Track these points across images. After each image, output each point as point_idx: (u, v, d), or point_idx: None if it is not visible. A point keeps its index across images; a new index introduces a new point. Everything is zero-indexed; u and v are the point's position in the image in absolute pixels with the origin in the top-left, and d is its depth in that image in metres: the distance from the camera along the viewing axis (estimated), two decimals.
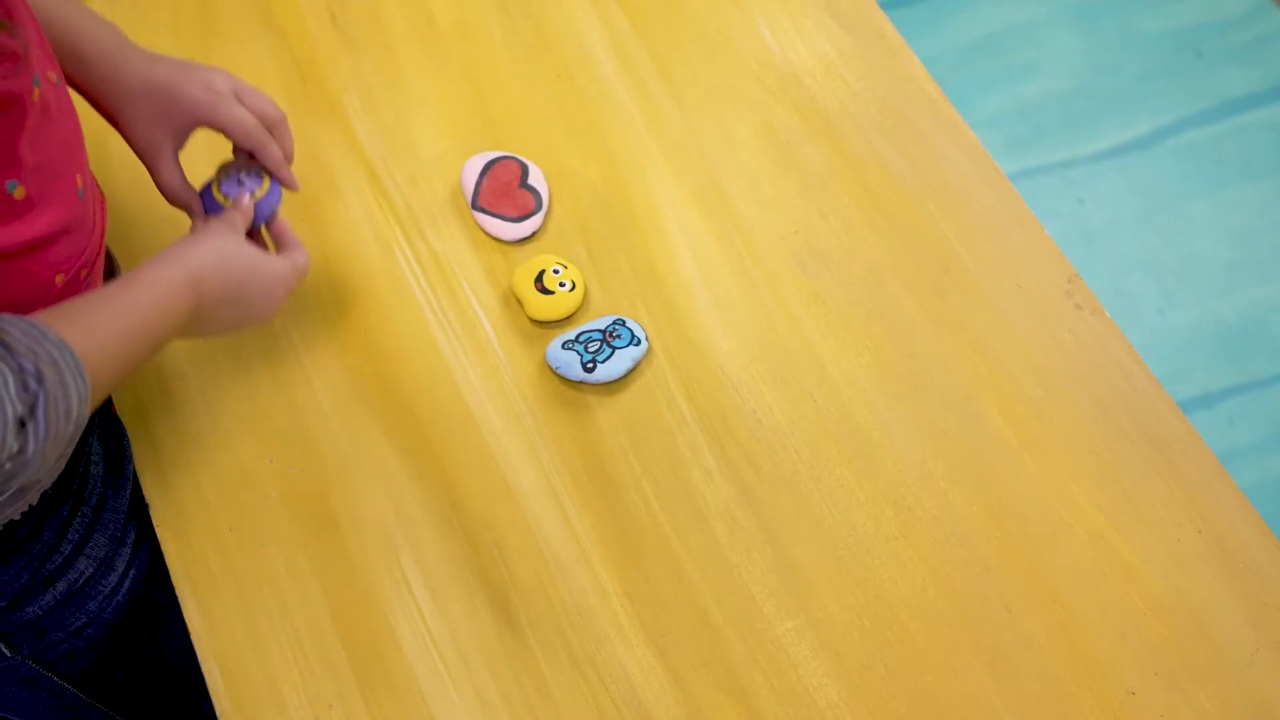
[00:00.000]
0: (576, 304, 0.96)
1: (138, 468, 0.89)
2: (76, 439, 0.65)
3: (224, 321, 0.79)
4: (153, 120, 0.82)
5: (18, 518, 0.78)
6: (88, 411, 0.64)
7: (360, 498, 0.89)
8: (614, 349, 0.92)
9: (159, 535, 0.87)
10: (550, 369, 0.94)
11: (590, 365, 0.91)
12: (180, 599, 0.85)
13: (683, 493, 0.89)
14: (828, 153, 1.06)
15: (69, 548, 0.83)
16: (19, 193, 0.66)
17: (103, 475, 0.86)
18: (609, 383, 0.93)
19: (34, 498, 0.79)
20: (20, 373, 0.59)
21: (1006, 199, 1.04)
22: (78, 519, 0.83)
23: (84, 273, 0.75)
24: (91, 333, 0.66)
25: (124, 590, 0.89)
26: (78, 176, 0.73)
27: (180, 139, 0.84)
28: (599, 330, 0.93)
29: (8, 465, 0.59)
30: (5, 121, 0.63)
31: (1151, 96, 2.16)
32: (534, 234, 1.00)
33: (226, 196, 0.85)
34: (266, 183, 0.85)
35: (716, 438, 0.92)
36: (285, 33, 1.10)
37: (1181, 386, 1.88)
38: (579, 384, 0.93)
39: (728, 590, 0.86)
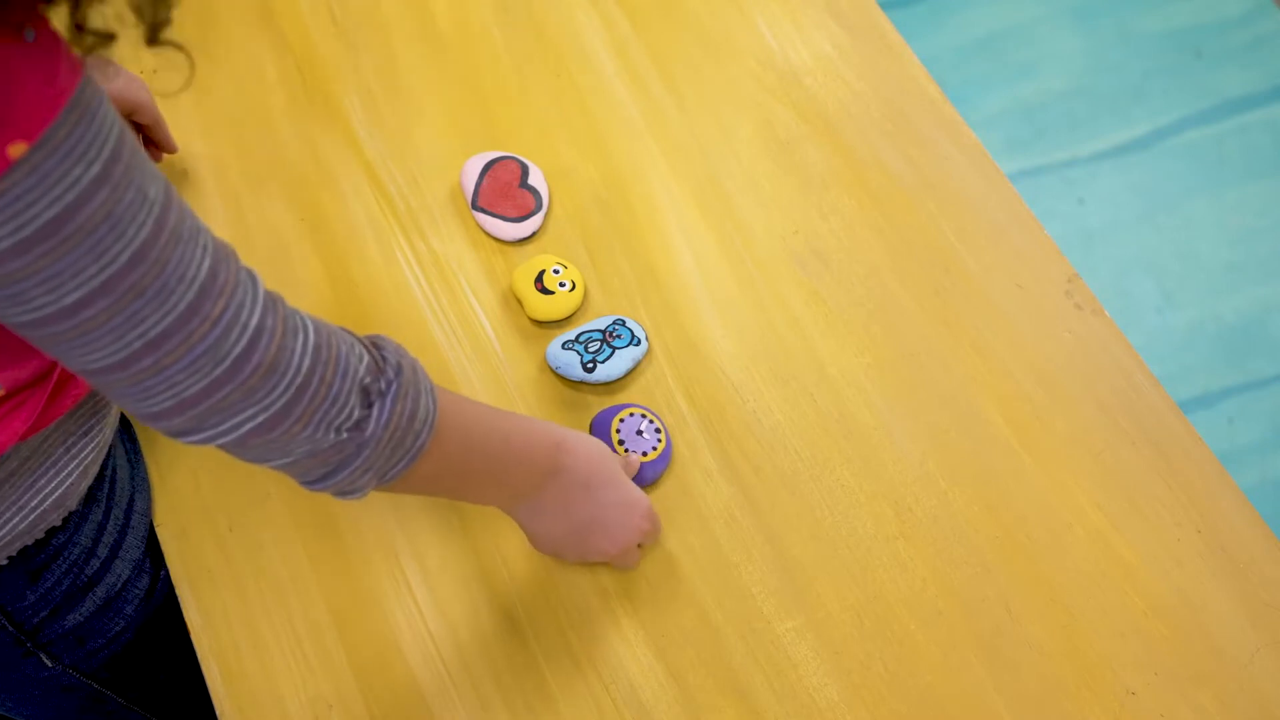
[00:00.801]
0: (576, 304, 0.96)
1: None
2: (406, 466, 0.65)
3: (565, 513, 0.77)
4: None
5: (59, 523, 0.78)
6: (428, 441, 0.65)
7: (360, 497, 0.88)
8: (614, 349, 0.92)
9: (159, 535, 0.87)
10: (550, 369, 0.94)
11: (590, 365, 0.91)
12: (180, 599, 0.85)
13: (683, 493, 0.89)
14: (828, 153, 1.06)
15: (105, 551, 0.83)
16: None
17: (130, 478, 0.87)
18: (609, 383, 0.93)
19: (74, 502, 0.79)
20: (381, 359, 0.63)
21: (1006, 199, 1.04)
22: (111, 522, 0.84)
23: None
24: (457, 402, 0.68)
25: (158, 593, 0.89)
26: None
27: None
28: (599, 330, 0.93)
29: (347, 438, 0.61)
30: None
31: (1151, 96, 2.16)
32: (534, 234, 1.00)
33: (623, 443, 0.87)
34: (662, 445, 0.88)
35: (716, 438, 0.92)
36: (285, 33, 1.10)
37: (1181, 386, 1.88)
38: (579, 384, 0.93)
39: (728, 590, 0.86)
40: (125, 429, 0.89)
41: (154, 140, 0.95)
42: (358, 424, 0.61)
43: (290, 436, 0.60)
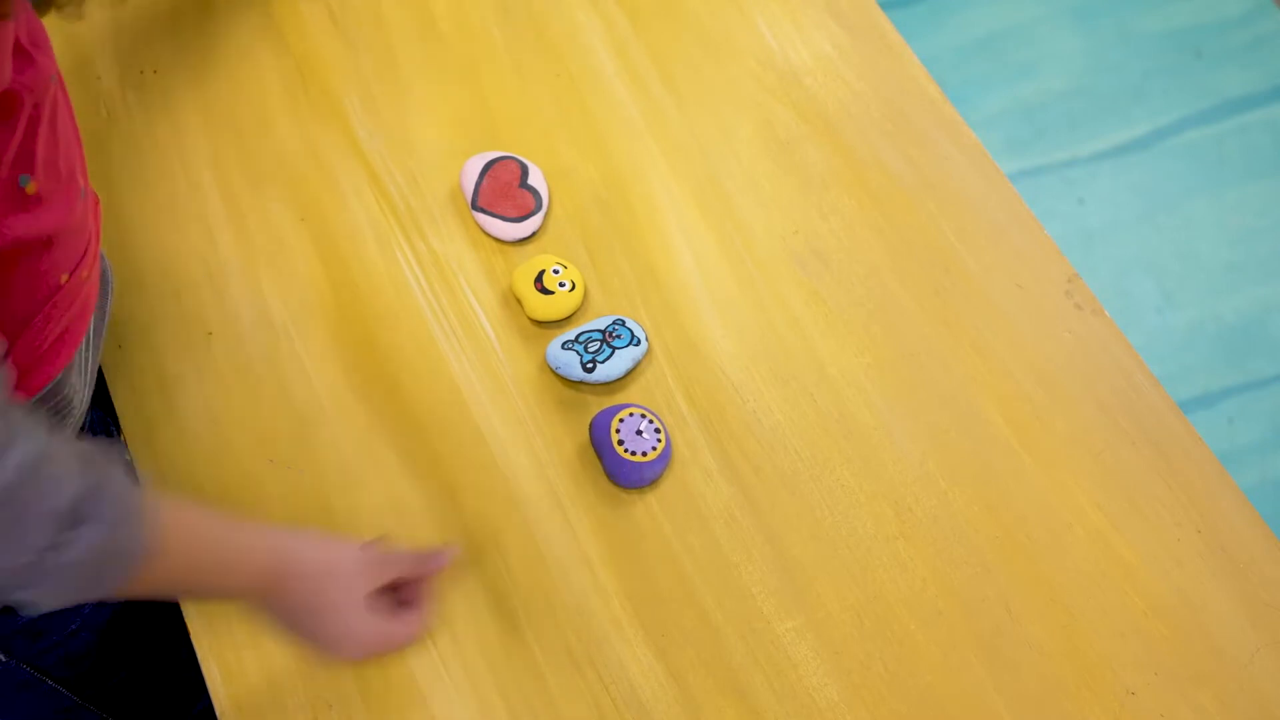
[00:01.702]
0: (576, 304, 0.96)
1: (138, 468, 0.89)
2: (109, 593, 0.62)
3: (292, 625, 0.75)
4: None
5: None
6: (138, 565, 0.62)
7: (360, 498, 0.88)
8: (614, 349, 0.92)
9: None
10: (550, 369, 0.94)
11: (590, 365, 0.91)
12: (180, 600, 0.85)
13: (683, 493, 0.89)
14: (828, 153, 1.06)
15: None
16: (31, 188, 0.66)
17: None
18: (609, 383, 0.93)
19: None
20: (98, 485, 0.58)
21: (1006, 199, 1.04)
22: None
23: (84, 273, 0.75)
24: (180, 523, 0.66)
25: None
26: (79, 175, 0.73)
27: None
28: (599, 330, 0.93)
29: (32, 559, 0.57)
30: (20, 115, 0.63)
31: (1151, 96, 2.16)
32: (534, 234, 1.00)
33: (622, 443, 0.87)
34: (662, 445, 0.88)
35: (716, 438, 0.92)
36: (285, 33, 1.10)
37: (1181, 386, 1.88)
38: (579, 384, 0.93)
39: (728, 590, 0.86)
40: (96, 431, 0.89)
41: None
42: (47, 549, 0.57)
43: None
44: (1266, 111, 2.15)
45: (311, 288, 0.97)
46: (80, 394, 0.80)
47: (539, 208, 1.00)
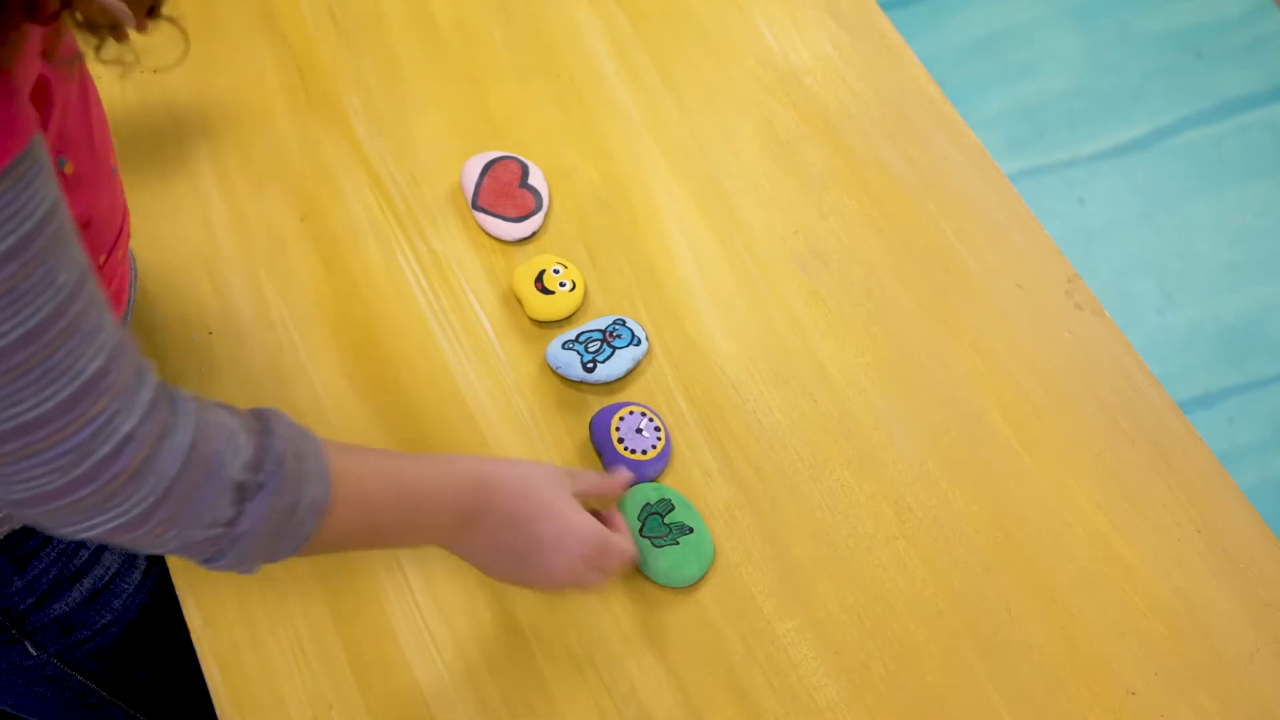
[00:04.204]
0: (576, 304, 0.96)
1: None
2: (297, 549, 0.64)
3: (499, 549, 0.74)
4: None
5: None
6: (316, 525, 0.63)
7: None
8: (614, 349, 0.92)
9: None
10: (550, 369, 0.94)
11: (590, 365, 0.91)
12: (180, 599, 0.85)
13: (683, 492, 0.89)
14: (828, 153, 1.06)
15: (94, 544, 0.83)
16: (69, 169, 0.66)
17: None
18: (609, 383, 0.93)
19: None
20: (262, 450, 0.60)
21: (1006, 199, 1.04)
22: None
23: (120, 253, 0.76)
24: (357, 468, 0.66)
25: (147, 588, 0.89)
26: (110, 155, 0.74)
27: None
28: (599, 330, 0.93)
29: (219, 533, 0.60)
30: (54, 99, 0.64)
31: (1151, 96, 2.16)
32: (534, 234, 1.00)
33: (622, 441, 0.87)
34: (662, 443, 0.87)
35: (716, 437, 0.92)
36: (285, 33, 1.10)
37: (1181, 386, 1.88)
38: (579, 384, 0.93)
39: (728, 590, 0.86)
40: None
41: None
42: (229, 521, 0.60)
43: (155, 536, 0.59)
44: (1266, 111, 2.15)
45: (311, 288, 0.97)
46: None
47: (539, 208, 1.00)
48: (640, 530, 0.85)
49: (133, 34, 0.84)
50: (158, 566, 0.89)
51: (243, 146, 1.03)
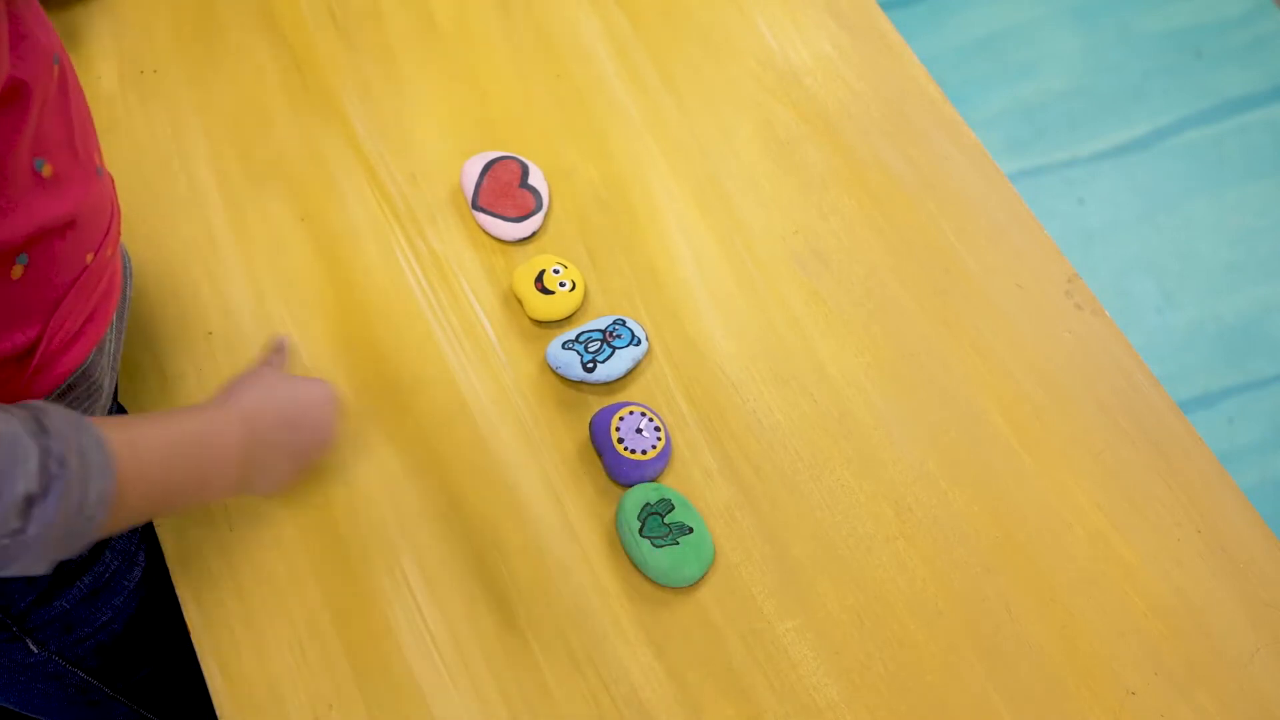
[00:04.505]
0: (576, 304, 0.96)
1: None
2: (86, 545, 0.63)
3: (284, 450, 0.78)
4: None
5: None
6: (105, 516, 0.63)
7: (360, 497, 0.89)
8: (614, 349, 0.92)
9: (159, 534, 0.87)
10: (550, 369, 0.94)
11: (590, 365, 0.91)
12: (180, 599, 0.85)
13: (683, 492, 0.89)
14: (828, 153, 1.06)
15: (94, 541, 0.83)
16: (46, 170, 0.66)
17: None
18: (609, 383, 0.93)
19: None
20: (45, 453, 0.59)
21: (1006, 199, 1.04)
22: None
23: (108, 252, 0.76)
24: (133, 442, 0.66)
25: (148, 585, 0.89)
26: (95, 154, 0.74)
27: None
28: (599, 330, 0.93)
29: (5, 542, 0.58)
30: (31, 100, 0.64)
31: (1151, 96, 2.16)
32: (534, 234, 1.00)
33: (622, 441, 0.88)
34: (661, 443, 0.88)
35: (716, 438, 0.92)
36: (285, 32, 1.10)
37: (1181, 386, 1.88)
38: (579, 384, 0.93)
39: (728, 590, 0.86)
40: None
41: None
42: (17, 531, 0.58)
43: None
44: (1266, 111, 2.15)
45: (311, 287, 0.97)
46: (108, 377, 0.80)
47: (539, 208, 1.00)
48: (640, 530, 0.85)
49: (132, 35, 0.83)
50: (156, 563, 0.89)
51: (242, 146, 1.03)
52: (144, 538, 0.88)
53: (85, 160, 0.71)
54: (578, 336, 0.93)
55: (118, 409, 0.90)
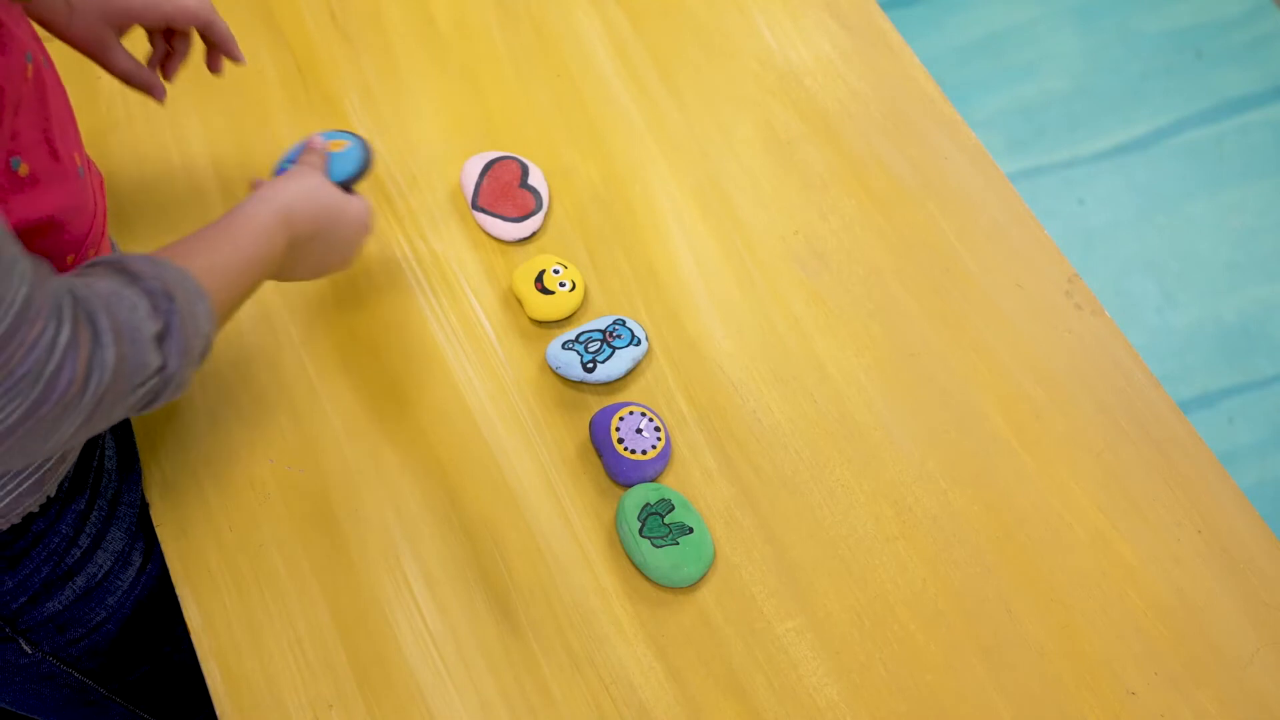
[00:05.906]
0: (576, 304, 0.96)
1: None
2: (207, 355, 0.69)
3: (313, 259, 0.82)
4: (94, 17, 0.85)
5: (36, 510, 0.78)
6: (215, 331, 0.69)
7: (360, 498, 0.89)
8: (614, 349, 0.92)
9: (159, 534, 0.87)
10: (550, 369, 0.94)
11: (590, 365, 0.91)
12: (180, 599, 0.85)
13: (683, 492, 0.89)
14: (828, 153, 1.06)
15: (87, 541, 0.83)
16: (23, 169, 0.66)
17: (116, 469, 0.87)
18: (609, 383, 0.93)
19: (52, 488, 0.79)
20: (150, 295, 0.63)
21: (1006, 199, 1.04)
22: (94, 512, 0.84)
23: (90, 253, 0.75)
24: (204, 267, 0.70)
25: (142, 584, 0.89)
26: (76, 154, 0.73)
27: (121, 32, 0.87)
28: (599, 330, 0.93)
29: (154, 381, 0.64)
30: (3, 99, 0.63)
31: (1151, 96, 2.16)
32: (534, 234, 1.00)
33: (622, 441, 0.89)
34: (662, 443, 0.88)
35: (716, 438, 0.92)
36: (285, 32, 1.10)
37: (1181, 386, 1.88)
38: (579, 384, 0.93)
39: (728, 590, 0.86)
40: (118, 424, 0.89)
41: (227, 54, 0.93)
42: (160, 368, 0.64)
43: (111, 408, 0.62)
44: (1266, 111, 2.15)
45: (311, 288, 0.97)
46: None
47: (539, 208, 1.00)
48: (640, 530, 0.85)
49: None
50: (152, 563, 0.89)
51: (242, 146, 1.03)
52: (138, 537, 0.88)
53: (65, 159, 0.71)
54: (578, 336, 0.93)
55: None
